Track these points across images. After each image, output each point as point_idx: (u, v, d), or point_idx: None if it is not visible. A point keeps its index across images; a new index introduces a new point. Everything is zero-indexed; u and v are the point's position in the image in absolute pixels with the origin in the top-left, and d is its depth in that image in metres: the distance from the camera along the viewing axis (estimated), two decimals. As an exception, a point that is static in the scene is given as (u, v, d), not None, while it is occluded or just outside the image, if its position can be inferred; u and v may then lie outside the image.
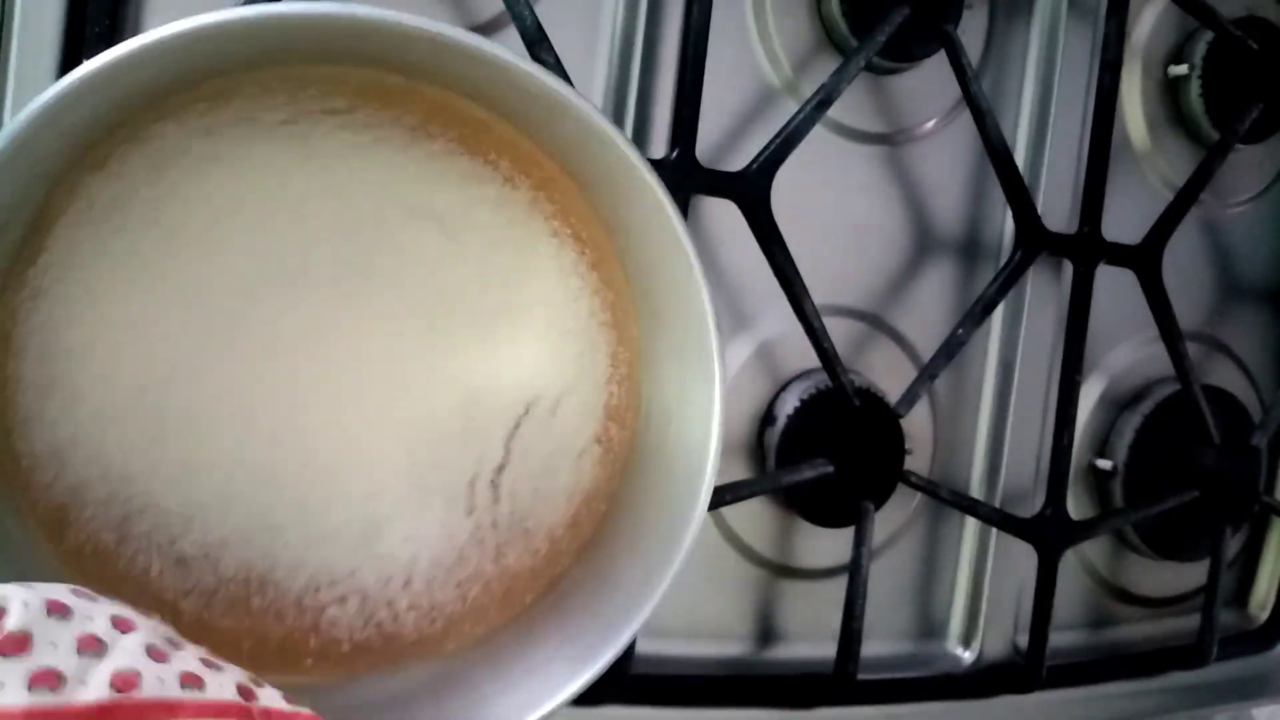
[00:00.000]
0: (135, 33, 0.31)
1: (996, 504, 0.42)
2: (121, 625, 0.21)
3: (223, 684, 0.21)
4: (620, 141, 0.25)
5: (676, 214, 0.26)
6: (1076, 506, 0.45)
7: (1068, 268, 0.42)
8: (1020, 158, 0.42)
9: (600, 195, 0.29)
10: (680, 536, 0.27)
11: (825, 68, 0.38)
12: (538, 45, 0.32)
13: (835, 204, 0.40)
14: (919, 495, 0.41)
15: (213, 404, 0.27)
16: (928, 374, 0.39)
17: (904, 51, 0.39)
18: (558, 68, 0.33)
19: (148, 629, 0.21)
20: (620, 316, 0.30)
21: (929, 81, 0.41)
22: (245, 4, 0.24)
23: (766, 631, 0.41)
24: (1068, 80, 0.43)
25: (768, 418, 0.39)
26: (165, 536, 0.27)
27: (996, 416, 0.43)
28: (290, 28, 0.24)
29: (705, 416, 0.27)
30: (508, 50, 0.25)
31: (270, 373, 0.27)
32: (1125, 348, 0.46)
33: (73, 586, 0.21)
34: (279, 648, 0.28)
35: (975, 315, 0.40)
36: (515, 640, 0.29)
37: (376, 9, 0.23)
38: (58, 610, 0.20)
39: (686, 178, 0.35)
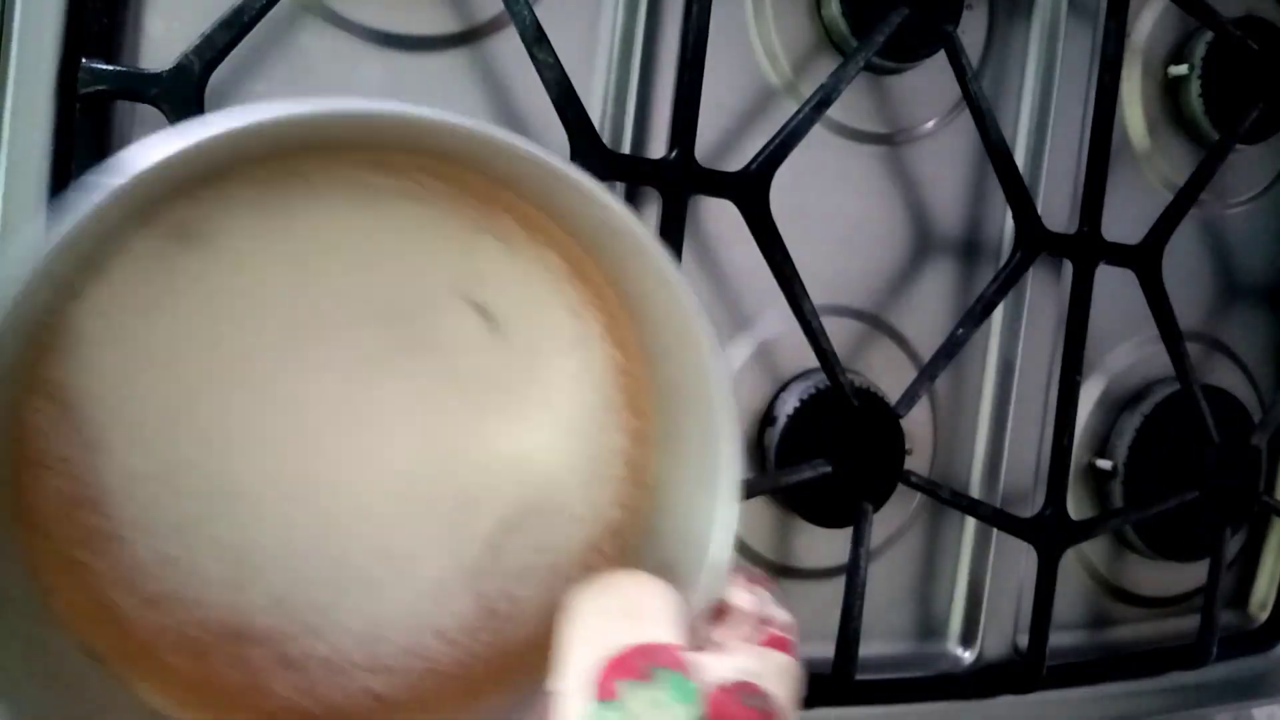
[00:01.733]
0: (134, 32, 0.31)
1: (996, 504, 0.42)
2: None
3: None
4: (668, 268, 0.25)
5: (717, 356, 0.26)
6: (1076, 506, 0.45)
7: (1068, 268, 0.42)
8: (1020, 158, 0.42)
9: (645, 320, 0.28)
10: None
11: (825, 68, 0.38)
12: (537, 45, 0.32)
13: (835, 204, 0.40)
14: (919, 495, 0.41)
15: (233, 454, 0.26)
16: (928, 374, 0.39)
17: (904, 51, 0.39)
18: (557, 68, 0.33)
19: None
20: (639, 436, 0.30)
21: (929, 81, 0.41)
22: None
23: (766, 631, 0.41)
24: (1068, 80, 0.43)
25: (768, 418, 0.39)
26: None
27: (996, 416, 0.43)
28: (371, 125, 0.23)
29: (708, 526, 0.27)
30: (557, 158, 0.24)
31: (295, 431, 0.27)
32: (1125, 348, 0.46)
33: None
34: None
35: (975, 315, 0.40)
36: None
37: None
38: None
39: (686, 178, 0.35)
